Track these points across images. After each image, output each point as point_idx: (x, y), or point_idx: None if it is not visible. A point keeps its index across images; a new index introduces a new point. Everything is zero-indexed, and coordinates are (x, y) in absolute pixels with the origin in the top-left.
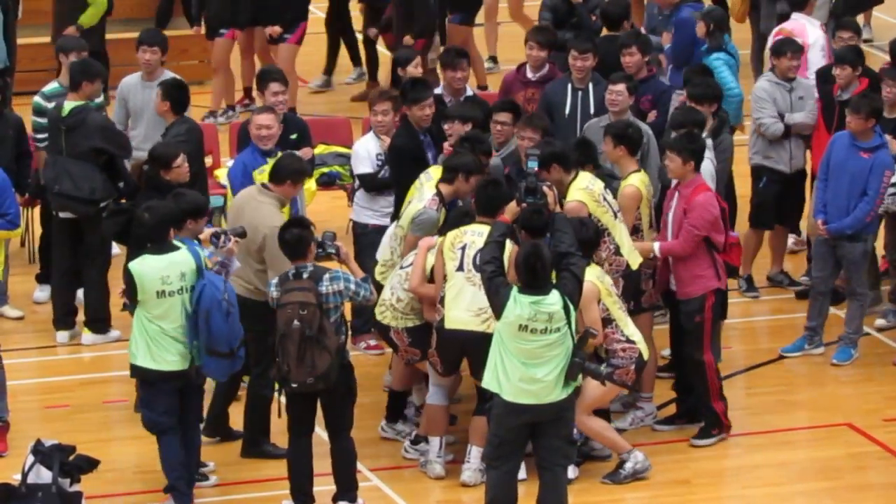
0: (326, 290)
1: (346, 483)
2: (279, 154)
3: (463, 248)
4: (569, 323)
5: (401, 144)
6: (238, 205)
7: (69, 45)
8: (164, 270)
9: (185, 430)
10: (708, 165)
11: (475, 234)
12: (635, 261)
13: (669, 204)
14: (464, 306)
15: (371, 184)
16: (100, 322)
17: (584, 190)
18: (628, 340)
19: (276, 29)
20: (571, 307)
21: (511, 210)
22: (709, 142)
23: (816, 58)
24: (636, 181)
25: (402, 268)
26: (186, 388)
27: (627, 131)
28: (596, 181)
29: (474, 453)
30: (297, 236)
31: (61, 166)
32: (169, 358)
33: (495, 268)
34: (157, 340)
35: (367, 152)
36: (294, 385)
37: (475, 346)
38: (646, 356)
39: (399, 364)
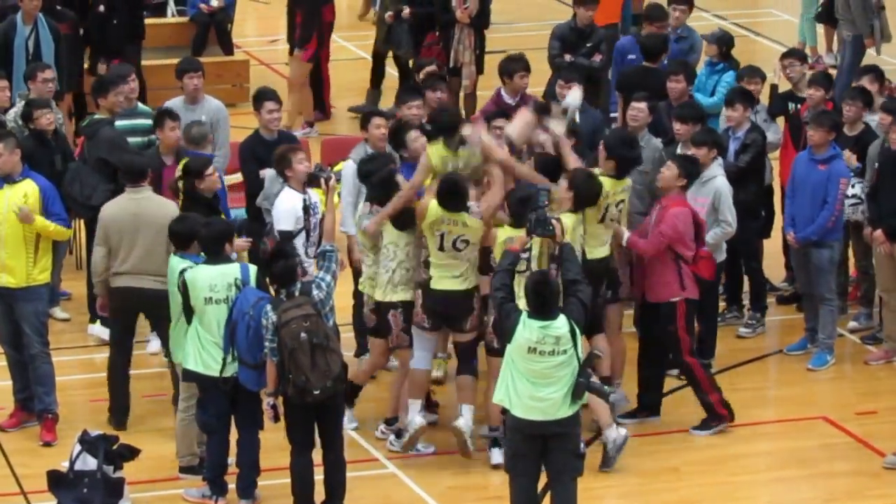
0: (317, 297)
1: (340, 491)
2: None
3: (442, 236)
4: (575, 345)
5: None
6: None
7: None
8: (213, 279)
9: (240, 431)
10: (723, 182)
11: (450, 223)
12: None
13: (652, 213)
14: (446, 275)
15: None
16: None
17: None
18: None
19: None
20: (577, 331)
21: (521, 240)
22: (720, 160)
23: None
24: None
25: (384, 246)
26: (237, 394)
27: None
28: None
29: (464, 409)
30: (285, 268)
31: (77, 172)
32: (213, 364)
33: (505, 294)
34: (204, 346)
35: (284, 209)
36: (316, 392)
37: (457, 302)
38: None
39: (372, 358)
